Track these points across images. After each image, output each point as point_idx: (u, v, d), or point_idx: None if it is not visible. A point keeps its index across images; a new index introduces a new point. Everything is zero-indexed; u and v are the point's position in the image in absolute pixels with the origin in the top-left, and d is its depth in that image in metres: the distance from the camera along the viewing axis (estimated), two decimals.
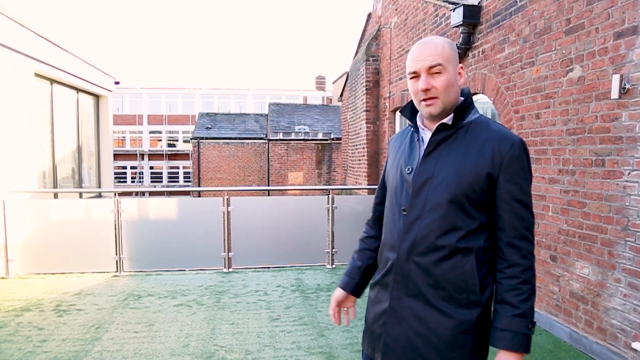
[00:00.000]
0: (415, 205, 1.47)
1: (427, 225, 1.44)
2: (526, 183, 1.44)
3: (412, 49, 1.51)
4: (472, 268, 1.41)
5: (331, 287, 5.21)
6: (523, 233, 1.43)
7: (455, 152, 1.45)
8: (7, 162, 5.80)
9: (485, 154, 1.42)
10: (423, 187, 1.47)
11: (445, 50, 1.45)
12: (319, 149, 22.11)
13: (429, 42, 1.48)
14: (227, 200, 5.94)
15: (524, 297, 1.39)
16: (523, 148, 1.44)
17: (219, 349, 3.56)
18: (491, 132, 1.46)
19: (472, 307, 1.42)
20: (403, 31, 7.71)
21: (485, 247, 1.44)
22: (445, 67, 1.44)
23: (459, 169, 1.43)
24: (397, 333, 1.48)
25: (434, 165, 1.46)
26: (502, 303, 1.41)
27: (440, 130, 1.48)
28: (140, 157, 40.50)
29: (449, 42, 1.50)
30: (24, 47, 6.18)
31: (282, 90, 44.22)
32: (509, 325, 1.38)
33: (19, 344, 3.61)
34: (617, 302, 3.28)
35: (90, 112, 9.29)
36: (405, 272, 1.47)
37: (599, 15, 3.39)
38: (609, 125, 3.33)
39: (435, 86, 1.44)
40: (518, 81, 4.39)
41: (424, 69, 1.45)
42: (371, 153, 9.02)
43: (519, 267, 1.41)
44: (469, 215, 1.43)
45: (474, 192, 1.42)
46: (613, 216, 3.31)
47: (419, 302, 1.45)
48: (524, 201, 1.43)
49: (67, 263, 5.77)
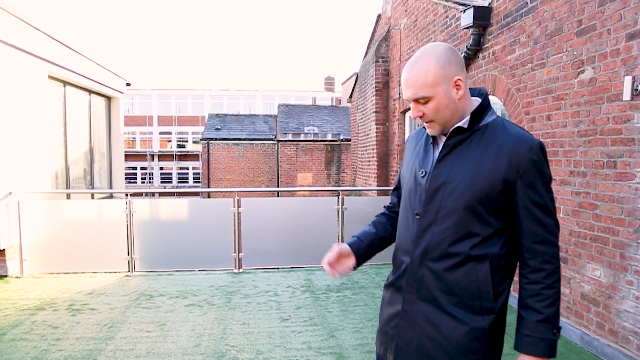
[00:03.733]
0: (429, 210, 1.45)
1: (441, 232, 1.43)
2: (545, 187, 1.41)
3: (403, 70, 1.47)
4: (486, 275, 1.40)
5: (341, 287, 5.24)
6: (545, 237, 1.40)
7: (471, 157, 1.43)
8: (22, 163, 5.89)
9: (501, 158, 1.39)
10: (437, 193, 1.45)
11: (429, 76, 1.39)
12: (328, 150, 22.13)
13: (413, 66, 1.43)
14: (238, 201, 5.98)
15: (548, 303, 1.38)
16: (541, 151, 1.41)
17: (230, 349, 3.59)
18: (508, 135, 1.42)
19: (485, 313, 1.41)
20: (413, 32, 7.71)
21: (501, 254, 1.42)
22: (431, 94, 1.40)
23: (474, 175, 1.40)
24: (410, 337, 1.47)
25: (449, 170, 1.44)
26: (526, 308, 1.40)
27: (455, 134, 1.46)
28: (150, 158, 40.81)
29: (436, 59, 1.41)
30: (39, 50, 6.28)
31: (291, 91, 44.31)
32: (533, 330, 1.38)
33: (34, 342, 3.68)
34: (629, 305, 3.26)
35: (102, 113, 9.40)
36: (419, 276, 1.46)
37: (611, 17, 3.38)
38: (620, 127, 3.32)
39: (426, 113, 1.43)
40: (529, 83, 4.37)
41: (411, 99, 1.44)
42: (381, 154, 9.03)
43: (542, 272, 1.39)
44: (484, 221, 1.41)
45: (490, 198, 1.39)
46: (625, 218, 3.29)
47: (432, 306, 1.45)
48: (543, 204, 1.40)
49: (80, 263, 5.85)
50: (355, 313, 4.40)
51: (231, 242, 6.01)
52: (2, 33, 5.40)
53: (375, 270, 5.95)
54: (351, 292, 5.06)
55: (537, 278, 1.39)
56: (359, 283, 5.42)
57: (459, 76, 1.42)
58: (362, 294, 5.00)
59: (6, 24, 5.49)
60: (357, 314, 4.38)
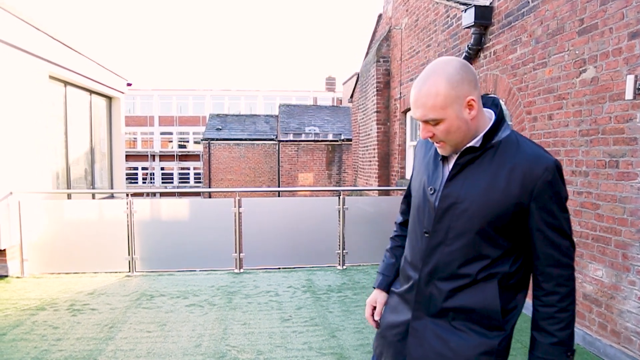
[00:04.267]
0: (438, 230, 1.42)
1: (450, 253, 1.40)
2: (560, 208, 1.36)
3: (412, 87, 1.39)
4: (494, 295, 1.37)
5: (342, 288, 5.22)
6: (558, 260, 1.36)
7: (482, 177, 1.37)
8: (22, 163, 5.89)
9: (514, 180, 1.34)
10: (447, 213, 1.41)
11: (439, 98, 1.32)
12: (329, 150, 22.13)
13: (422, 85, 1.35)
14: (239, 201, 5.97)
15: (562, 326, 1.35)
16: (557, 170, 1.35)
17: (231, 349, 3.58)
18: (522, 154, 1.35)
19: (494, 330, 1.39)
20: (414, 32, 7.69)
21: (510, 272, 1.39)
22: (441, 116, 1.33)
23: (486, 197, 1.35)
24: (419, 354, 1.45)
25: (459, 191, 1.39)
26: (539, 330, 1.38)
27: (467, 152, 1.40)
28: (151, 158, 40.84)
29: (447, 79, 1.32)
30: (39, 50, 6.27)
31: (292, 92, 44.31)
32: (546, 353, 1.36)
33: (35, 342, 3.67)
34: (631, 305, 3.25)
35: (103, 113, 9.40)
36: (427, 294, 1.45)
37: (613, 15, 3.36)
38: (623, 126, 3.30)
39: (436, 134, 1.38)
40: (530, 82, 4.36)
41: (420, 120, 1.39)
42: (382, 154, 9.02)
43: (555, 296, 1.36)
44: (494, 243, 1.37)
45: (501, 220, 1.36)
46: (627, 218, 3.28)
47: (440, 321, 1.43)
48: (558, 226, 1.36)
49: (81, 263, 5.84)
50: (357, 313, 4.39)
51: (232, 242, 6.00)
52: (2, 33, 5.39)
53: (376, 271, 5.93)
54: (352, 292, 5.05)
55: (551, 301, 1.36)
56: (360, 283, 5.41)
57: (472, 96, 1.34)
58: (363, 294, 4.99)
59: (7, 24, 5.49)
60: (359, 314, 4.37)
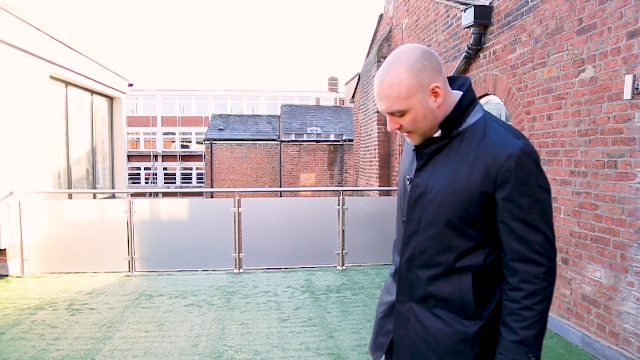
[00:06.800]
0: (412, 219, 1.43)
1: (423, 242, 1.41)
2: (529, 199, 1.28)
3: (374, 79, 1.37)
4: (468, 286, 1.35)
5: (341, 288, 5.22)
6: (526, 255, 1.29)
7: (448, 166, 1.35)
8: (23, 163, 5.91)
9: (477, 170, 1.30)
10: (417, 202, 1.41)
11: (402, 86, 1.30)
12: (330, 150, 22.12)
13: (385, 77, 1.33)
14: (238, 201, 5.97)
15: (525, 324, 1.29)
16: (525, 158, 1.27)
17: (228, 349, 3.58)
18: (486, 142, 1.31)
19: (471, 319, 1.38)
20: (414, 32, 7.68)
21: (486, 264, 1.36)
22: (405, 107, 1.32)
23: (451, 187, 1.33)
24: (403, 334, 1.49)
25: (427, 180, 1.39)
26: (503, 325, 1.34)
27: (431, 142, 1.39)
28: (154, 158, 40.92)
29: (409, 68, 1.30)
30: (40, 51, 6.29)
31: (295, 92, 44.35)
32: (508, 350, 1.32)
33: (33, 341, 3.68)
34: (630, 306, 3.23)
35: (105, 113, 9.42)
36: (408, 280, 1.47)
37: (611, 15, 3.35)
38: (621, 126, 3.28)
39: (403, 125, 1.36)
40: (529, 82, 4.35)
41: (385, 112, 1.37)
42: (382, 154, 9.00)
43: (520, 292, 1.30)
44: (465, 234, 1.35)
45: (468, 212, 1.32)
46: (626, 219, 3.26)
47: (422, 307, 1.44)
48: (526, 220, 1.28)
49: (81, 263, 5.86)
50: (355, 314, 4.38)
51: (231, 242, 6.00)
52: (4, 34, 5.41)
53: (376, 271, 5.93)
54: (351, 293, 5.04)
55: (515, 297, 1.31)
56: (359, 284, 5.40)
57: (436, 83, 1.32)
58: (362, 294, 4.98)
59: (8, 24, 5.51)
60: (357, 314, 4.36)
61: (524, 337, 1.29)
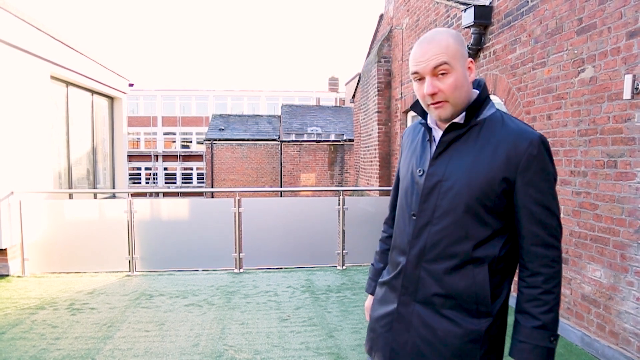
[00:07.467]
0: (425, 210, 1.40)
1: (437, 232, 1.37)
2: (548, 184, 1.33)
3: (414, 47, 1.38)
4: (484, 279, 1.34)
5: (341, 288, 5.22)
6: (545, 240, 1.32)
7: (467, 154, 1.36)
8: (24, 163, 5.92)
9: (499, 156, 1.32)
10: (432, 192, 1.39)
11: (450, 46, 1.33)
12: (331, 150, 22.13)
13: (432, 39, 1.35)
14: (238, 201, 5.98)
15: (546, 309, 1.31)
16: (543, 145, 1.32)
17: (228, 349, 3.59)
18: (506, 130, 1.34)
19: (481, 316, 1.35)
20: (415, 32, 7.69)
21: (500, 256, 1.36)
22: (452, 65, 1.32)
23: (471, 174, 1.33)
24: (405, 339, 1.43)
25: (444, 168, 1.38)
26: (522, 313, 1.34)
27: (451, 129, 1.39)
28: (154, 158, 40.94)
29: (455, 35, 1.36)
30: (41, 51, 6.30)
31: (295, 92, 44.35)
32: (529, 337, 1.31)
33: (33, 341, 3.69)
34: (629, 306, 3.23)
35: (105, 113, 9.43)
36: (414, 278, 1.42)
37: (611, 15, 3.35)
38: (621, 126, 3.29)
39: (442, 89, 1.33)
40: (529, 82, 4.35)
41: (428, 70, 1.33)
42: (383, 154, 9.01)
43: (540, 277, 1.32)
44: (482, 222, 1.34)
45: (488, 198, 1.32)
46: (625, 218, 3.26)
47: (427, 309, 1.40)
48: (546, 205, 1.32)
49: (81, 262, 5.86)
50: (355, 313, 4.39)
51: (232, 242, 6.01)
52: (4, 34, 5.42)
53: None
54: (351, 293, 5.04)
55: (536, 282, 1.32)
56: (360, 283, 5.40)
57: (471, 59, 1.40)
58: (362, 294, 4.99)
59: (8, 24, 5.52)
60: (357, 314, 4.37)
61: (545, 321, 1.31)
